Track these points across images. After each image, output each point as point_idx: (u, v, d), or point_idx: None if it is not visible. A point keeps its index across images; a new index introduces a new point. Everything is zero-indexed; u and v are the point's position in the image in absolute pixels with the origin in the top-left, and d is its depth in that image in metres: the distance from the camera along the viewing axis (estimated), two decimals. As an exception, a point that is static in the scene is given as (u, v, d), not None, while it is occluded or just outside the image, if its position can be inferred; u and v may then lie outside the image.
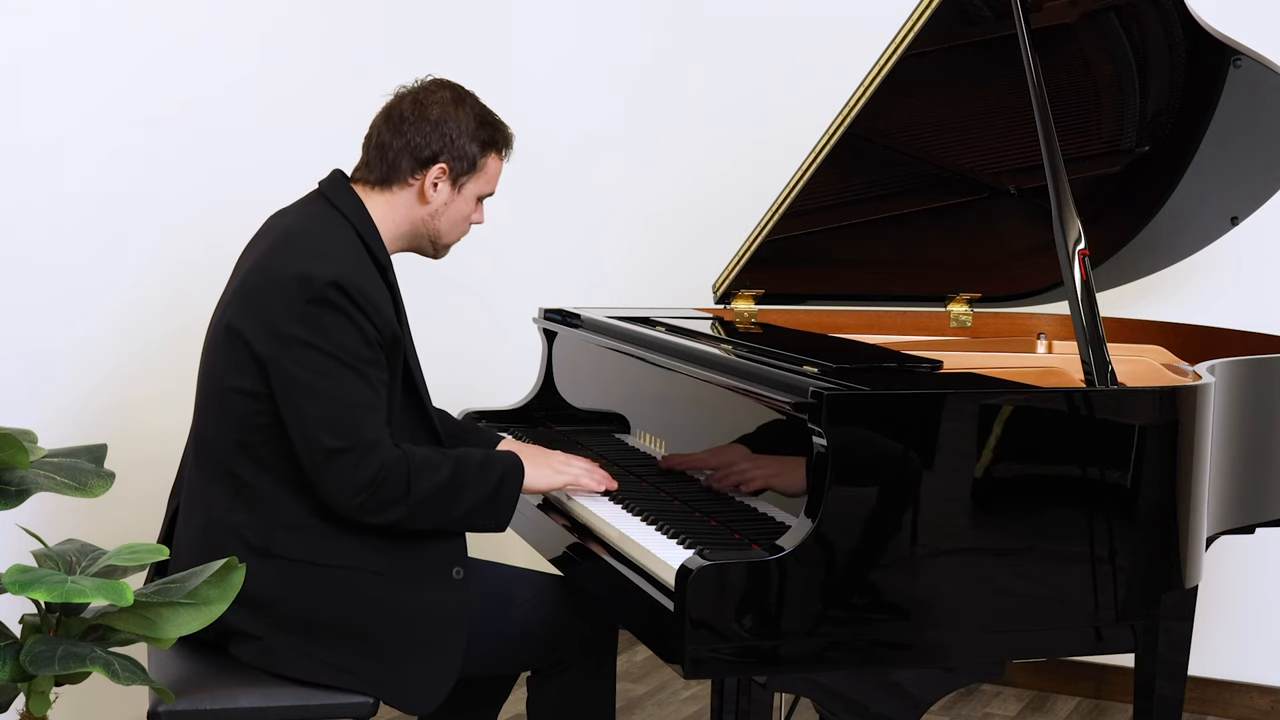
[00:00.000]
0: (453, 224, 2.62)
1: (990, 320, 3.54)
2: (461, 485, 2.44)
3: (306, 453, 2.38)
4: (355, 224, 2.52)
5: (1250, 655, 3.90)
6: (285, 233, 2.51)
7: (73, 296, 3.16)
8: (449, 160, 2.55)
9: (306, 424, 2.36)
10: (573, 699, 2.66)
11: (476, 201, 2.63)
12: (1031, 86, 2.55)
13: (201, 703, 2.34)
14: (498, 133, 2.61)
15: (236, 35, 3.52)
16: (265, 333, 2.39)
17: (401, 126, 2.55)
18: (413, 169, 2.55)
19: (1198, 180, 3.23)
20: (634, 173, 4.55)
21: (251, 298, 2.44)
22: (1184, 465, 2.38)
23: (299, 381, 2.37)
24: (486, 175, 2.61)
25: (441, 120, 2.55)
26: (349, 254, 2.47)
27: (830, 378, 2.29)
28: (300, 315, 2.37)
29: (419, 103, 2.57)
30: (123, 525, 3.06)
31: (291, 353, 2.37)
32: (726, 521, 2.42)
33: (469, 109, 2.58)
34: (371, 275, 2.47)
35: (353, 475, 2.36)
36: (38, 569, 2.20)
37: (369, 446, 2.37)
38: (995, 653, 2.29)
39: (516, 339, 4.23)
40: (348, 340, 2.38)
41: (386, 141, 2.56)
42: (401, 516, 2.40)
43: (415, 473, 2.40)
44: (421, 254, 2.67)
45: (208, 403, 2.50)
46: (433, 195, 2.56)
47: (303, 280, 2.38)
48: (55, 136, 3.12)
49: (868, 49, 2.96)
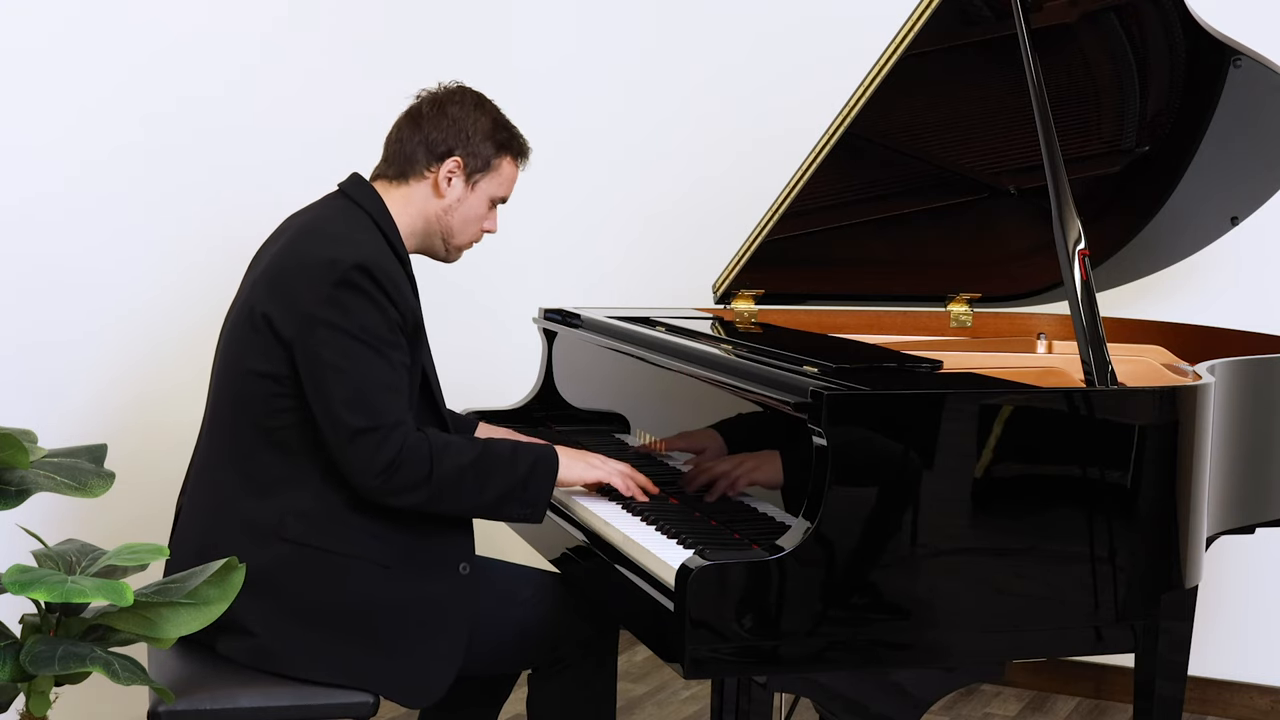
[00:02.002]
0: (465, 222, 2.65)
1: (990, 320, 3.54)
2: (489, 470, 2.46)
3: (331, 432, 2.41)
4: (375, 218, 2.58)
5: (1250, 655, 3.90)
6: (308, 225, 2.57)
7: (73, 296, 3.16)
8: (464, 155, 2.61)
9: (332, 403, 2.40)
10: (573, 698, 2.66)
11: (490, 205, 2.67)
12: (1031, 86, 2.55)
13: (201, 703, 2.34)
14: (513, 138, 2.67)
15: (236, 35, 3.52)
16: (293, 316, 2.43)
17: (420, 123, 2.63)
18: (428, 162, 2.61)
19: (1198, 180, 3.23)
20: (634, 172, 4.55)
21: (278, 283, 2.48)
22: (1184, 465, 2.38)
23: (324, 361, 2.40)
24: (500, 177, 2.66)
25: (459, 118, 2.62)
26: (373, 243, 2.52)
27: (830, 378, 2.29)
28: (327, 297, 2.41)
29: (439, 102, 2.64)
30: (123, 525, 3.07)
31: (317, 334, 2.41)
32: (726, 521, 2.42)
33: (487, 112, 2.66)
34: (396, 265, 2.52)
35: (375, 455, 2.39)
36: (38, 569, 2.21)
37: (392, 426, 2.40)
38: (995, 653, 2.29)
39: (517, 339, 4.23)
40: (370, 322, 2.42)
41: (406, 137, 2.63)
42: (425, 498, 2.42)
43: (438, 455, 2.42)
44: (433, 255, 2.70)
45: (226, 388, 2.52)
46: (446, 189, 2.61)
47: (329, 264, 2.43)
48: (53, 135, 3.11)
49: (868, 49, 2.96)
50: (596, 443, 3.00)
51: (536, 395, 3.31)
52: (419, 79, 2.71)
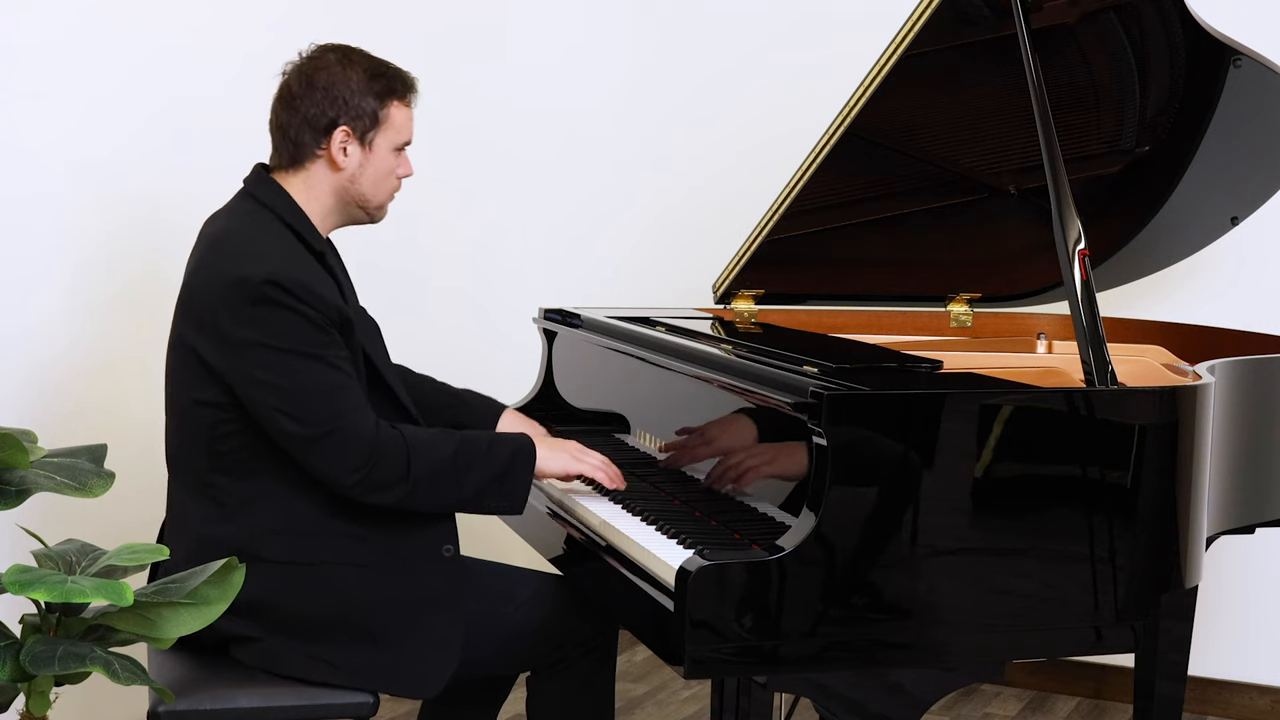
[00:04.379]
0: (375, 182, 2.57)
1: (990, 320, 3.53)
2: (468, 464, 2.44)
3: (291, 447, 2.39)
4: (283, 215, 2.50)
5: (1250, 655, 3.89)
6: (214, 238, 2.51)
7: (73, 296, 3.16)
8: (349, 121, 2.51)
9: (282, 421, 2.36)
10: (572, 698, 2.66)
11: (395, 153, 2.58)
12: (1031, 86, 2.55)
13: (201, 703, 2.34)
14: (393, 80, 2.56)
15: (236, 34, 3.52)
16: (216, 343, 2.40)
17: (294, 103, 2.53)
18: (316, 140, 2.52)
19: (1198, 180, 3.23)
20: (634, 173, 4.55)
21: (194, 308, 2.45)
22: (1184, 465, 2.38)
23: (262, 382, 2.37)
24: (394, 125, 2.56)
25: (330, 84, 2.51)
26: (279, 248, 2.46)
27: (830, 378, 2.29)
28: (247, 319, 2.37)
29: (304, 74, 2.54)
30: (123, 525, 3.06)
31: (246, 357, 2.37)
32: (727, 521, 2.42)
33: (356, 65, 2.54)
34: (307, 264, 2.46)
35: (342, 457, 2.36)
36: (38, 569, 2.20)
37: (353, 424, 2.37)
38: (995, 653, 2.29)
39: (516, 339, 4.23)
40: (297, 331, 2.37)
41: (285, 121, 2.54)
42: (403, 495, 2.40)
43: (413, 452, 2.40)
44: (357, 223, 2.62)
45: (175, 418, 2.51)
46: (344, 161, 2.53)
47: (240, 283, 2.38)
48: (52, 135, 3.12)
49: (868, 49, 2.96)
50: (597, 443, 3.00)
51: (536, 395, 3.31)
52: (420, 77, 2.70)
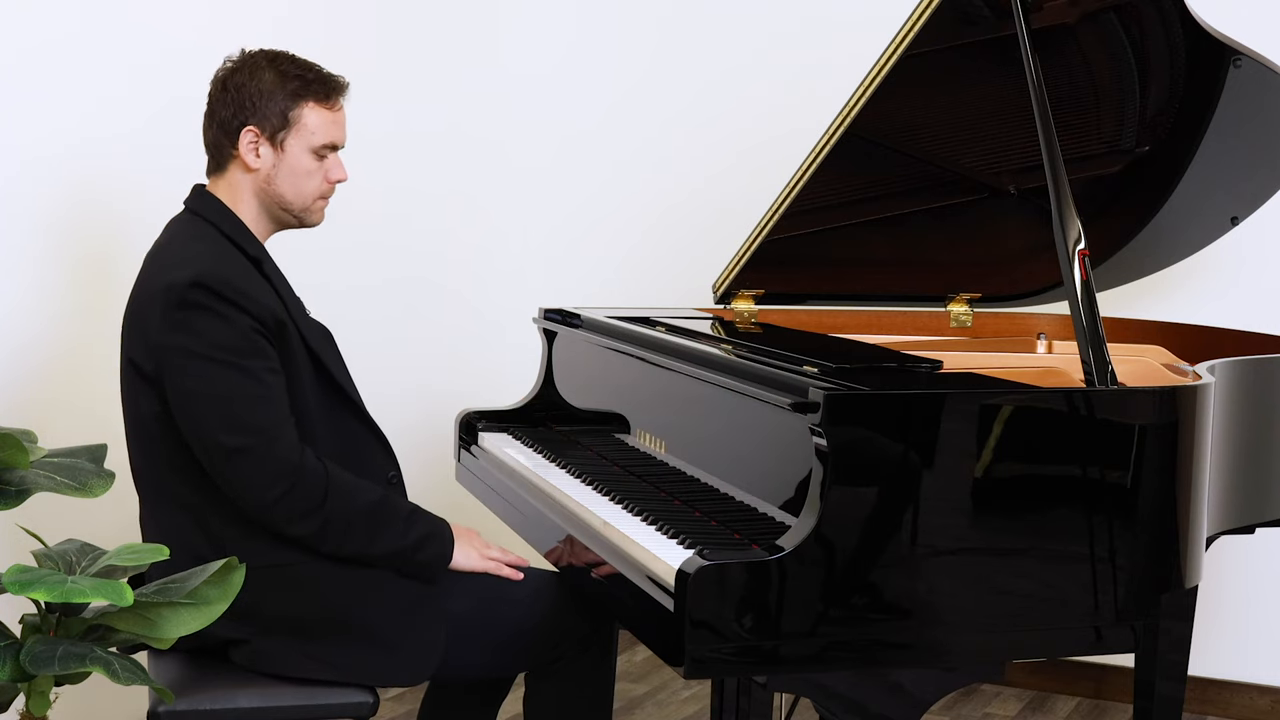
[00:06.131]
0: (293, 184, 2.55)
1: (990, 320, 3.53)
2: (384, 523, 2.45)
3: (207, 459, 2.38)
4: (219, 224, 2.51)
5: (1250, 655, 3.90)
6: (153, 254, 2.53)
7: (73, 297, 3.16)
8: (256, 122, 2.51)
9: (200, 428, 2.37)
10: (570, 697, 2.65)
11: (317, 157, 2.56)
12: (1031, 86, 2.55)
13: (201, 703, 2.34)
14: (309, 83, 2.54)
15: (235, 34, 3.51)
16: (148, 352, 2.41)
17: (212, 107, 2.56)
18: (230, 142, 2.53)
19: (1198, 180, 3.23)
20: (634, 173, 4.55)
21: (131, 323, 2.47)
22: (1184, 465, 2.38)
23: (184, 389, 2.38)
24: (308, 126, 2.54)
25: (240, 86, 2.52)
26: (211, 252, 2.46)
27: (830, 378, 2.29)
28: (173, 323, 2.38)
29: (221, 80, 2.55)
30: (123, 525, 3.06)
31: (172, 362, 2.38)
32: (726, 521, 2.41)
33: (273, 68, 2.53)
34: (241, 269, 2.46)
35: (260, 471, 2.36)
36: (38, 569, 2.20)
37: (270, 440, 2.36)
38: (995, 653, 2.28)
39: (516, 339, 4.23)
40: (221, 337, 2.37)
41: (206, 127, 2.57)
42: (316, 529, 2.40)
43: (333, 488, 2.40)
44: (291, 226, 2.61)
45: (131, 434, 2.51)
46: (256, 162, 2.53)
47: (167, 289, 2.39)
48: (51, 135, 3.12)
49: (868, 49, 2.96)
50: (597, 443, 3.00)
51: (536, 395, 3.31)
52: (419, 78, 2.69)
